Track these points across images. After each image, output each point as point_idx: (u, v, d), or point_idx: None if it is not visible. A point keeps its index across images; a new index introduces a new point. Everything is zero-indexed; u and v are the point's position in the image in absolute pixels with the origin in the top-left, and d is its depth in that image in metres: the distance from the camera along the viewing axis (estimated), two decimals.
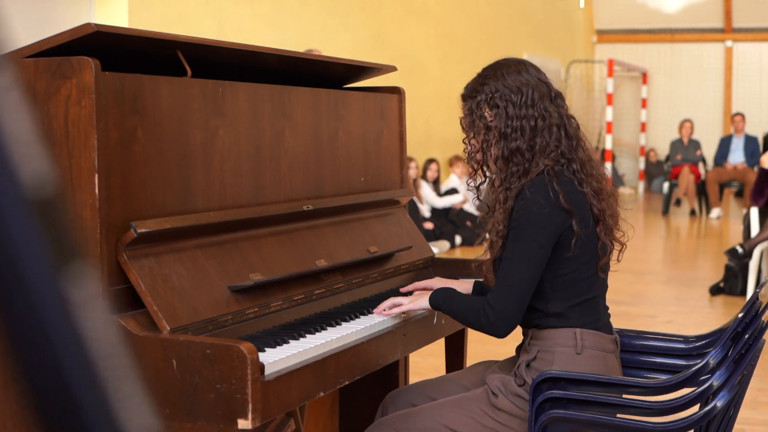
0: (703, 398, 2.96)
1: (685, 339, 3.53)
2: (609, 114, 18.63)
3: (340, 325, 3.31)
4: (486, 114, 3.17)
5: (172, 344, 2.73)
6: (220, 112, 3.25)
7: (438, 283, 3.59)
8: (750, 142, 16.37)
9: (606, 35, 21.55)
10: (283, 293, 3.29)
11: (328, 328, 3.26)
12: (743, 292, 8.99)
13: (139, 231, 2.81)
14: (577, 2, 19.91)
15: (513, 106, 3.14)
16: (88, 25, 2.77)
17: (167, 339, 2.74)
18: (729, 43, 20.79)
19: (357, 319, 3.41)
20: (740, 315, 3.15)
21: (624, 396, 3.07)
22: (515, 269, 3.02)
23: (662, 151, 19.57)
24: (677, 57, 20.91)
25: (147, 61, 3.14)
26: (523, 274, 3.01)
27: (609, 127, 18.64)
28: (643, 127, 21.02)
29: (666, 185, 17.00)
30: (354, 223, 3.93)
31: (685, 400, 2.94)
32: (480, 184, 3.34)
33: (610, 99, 18.60)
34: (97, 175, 2.74)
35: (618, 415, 3.03)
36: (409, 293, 3.58)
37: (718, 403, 2.92)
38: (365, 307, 3.61)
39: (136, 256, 2.83)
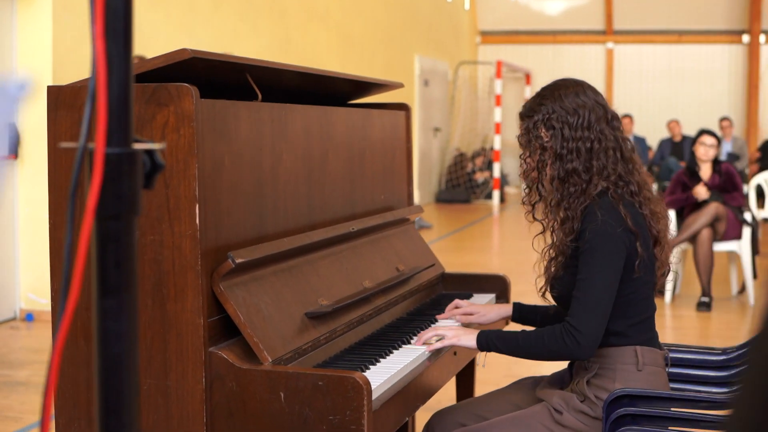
0: None
1: (723, 351, 3.60)
2: (497, 115, 18.84)
3: (400, 348, 3.30)
4: (542, 134, 3.19)
5: (280, 376, 2.69)
6: (283, 135, 3.21)
7: (478, 308, 3.63)
8: (638, 143, 16.76)
9: (489, 36, 21.79)
10: (345, 317, 3.27)
11: (393, 351, 3.24)
12: (660, 292, 9.18)
13: (237, 261, 2.76)
14: (463, 4, 20.08)
15: (569, 128, 3.16)
16: (185, 50, 2.71)
17: (274, 371, 2.70)
18: (610, 45, 21.23)
19: (413, 341, 3.40)
20: None
21: (700, 411, 3.11)
22: (596, 290, 3.04)
23: None
24: (559, 58, 21.28)
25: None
26: (604, 295, 3.04)
27: (498, 128, 18.86)
28: None
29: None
30: (381, 242, 3.93)
31: None
32: (535, 203, 3.34)
33: (498, 100, 18.82)
34: (198, 205, 2.68)
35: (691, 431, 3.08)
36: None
37: None
38: (405, 326, 3.62)
39: (230, 286, 2.78)
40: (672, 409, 3.11)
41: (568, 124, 3.16)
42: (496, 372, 6.20)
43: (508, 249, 13.33)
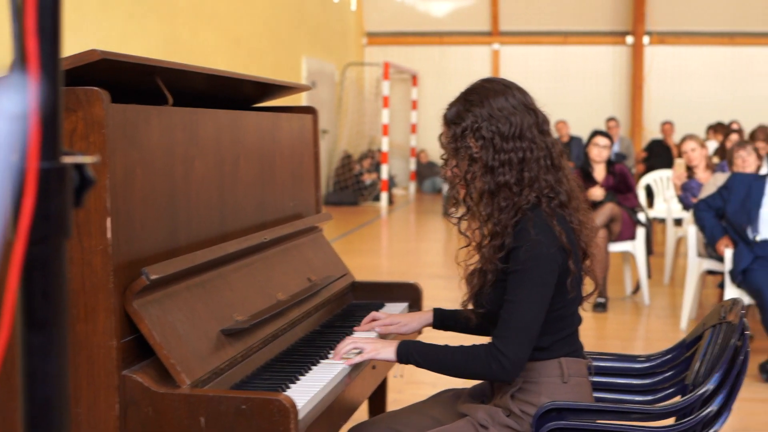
0: (701, 423, 2.96)
1: (647, 358, 3.54)
2: (385, 116, 18.78)
3: (319, 364, 3.16)
4: (471, 144, 3.00)
5: (200, 400, 2.53)
6: (195, 141, 3.05)
7: (398, 318, 3.51)
8: (575, 143, 16.85)
9: (376, 38, 21.73)
10: (261, 332, 3.12)
11: (313, 368, 3.10)
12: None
13: (152, 277, 2.59)
14: (349, 5, 19.99)
15: (501, 138, 2.97)
16: (94, 51, 2.53)
17: (193, 395, 2.54)
18: (496, 46, 21.34)
19: (330, 356, 3.26)
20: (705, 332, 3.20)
21: (630, 423, 3.04)
22: (525, 313, 2.91)
23: (432, 152, 19.91)
24: (446, 59, 21.31)
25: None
26: (534, 318, 2.92)
27: (385, 130, 18.80)
28: (413, 129, 21.33)
29: (446, 186, 17.28)
30: (292, 252, 3.78)
31: (687, 426, 2.93)
32: (462, 217, 3.17)
33: (385, 101, 18.76)
34: (109, 218, 2.50)
35: None
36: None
37: (718, 427, 2.95)
38: (320, 339, 3.49)
39: (143, 304, 2.61)
40: (601, 421, 3.03)
41: (500, 134, 2.97)
42: (400, 379, 6.09)
43: (398, 251, 13.27)
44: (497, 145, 2.97)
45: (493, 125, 2.97)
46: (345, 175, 18.96)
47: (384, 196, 18.48)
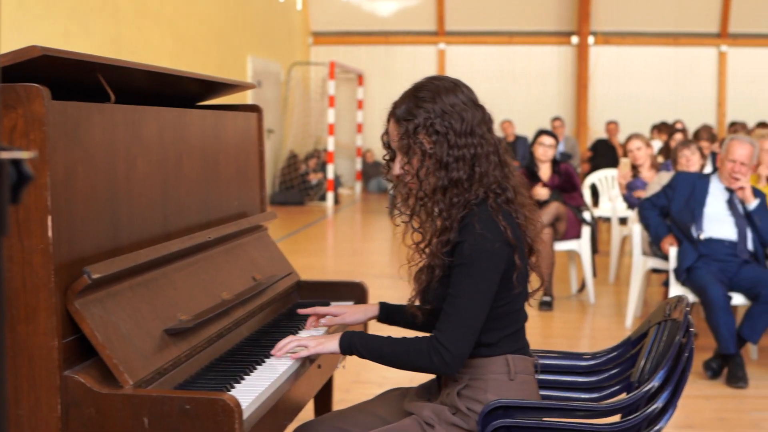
0: (646, 420, 2.98)
1: (593, 356, 3.55)
2: (331, 116, 18.75)
3: (264, 363, 3.13)
4: (424, 140, 2.98)
5: (143, 401, 2.50)
6: (138, 139, 3.02)
7: (343, 309, 3.49)
8: (521, 143, 16.93)
9: (322, 37, 21.68)
10: (205, 332, 3.09)
11: (257, 367, 3.08)
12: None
13: (94, 276, 2.55)
14: (295, 4, 19.93)
15: (454, 134, 2.96)
16: (34, 47, 2.49)
17: (136, 395, 2.51)
18: (442, 46, 21.37)
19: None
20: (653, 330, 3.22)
21: (576, 420, 3.04)
22: (468, 307, 2.90)
23: (378, 151, 19.90)
24: (392, 59, 21.31)
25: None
26: (476, 312, 2.91)
27: (331, 129, 18.77)
28: (359, 129, 21.32)
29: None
30: (237, 251, 3.75)
31: (633, 422, 2.95)
32: (413, 213, 3.15)
33: (331, 101, 18.73)
34: (50, 217, 2.46)
35: None
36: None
37: (663, 423, 2.96)
38: (265, 339, 3.46)
39: (85, 303, 2.58)
40: (548, 419, 3.03)
41: (453, 130, 2.96)
42: (345, 378, 6.08)
43: (344, 251, 13.26)
44: (451, 140, 2.96)
45: (446, 121, 2.97)
46: (291, 174, 18.91)
47: (330, 195, 18.46)
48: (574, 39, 21.02)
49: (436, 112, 2.97)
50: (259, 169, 4.21)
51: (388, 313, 3.45)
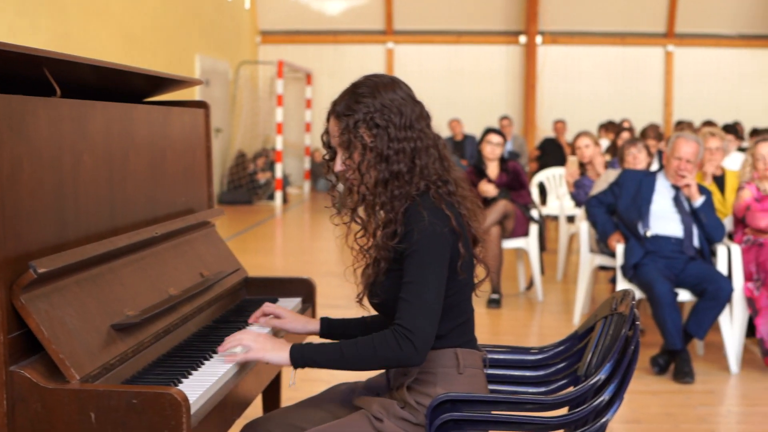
0: (593, 412, 3.00)
1: (540, 350, 3.58)
2: (279, 115, 18.70)
3: (212, 359, 3.12)
4: (364, 134, 3.02)
5: (90, 395, 2.49)
6: (84, 134, 3.00)
7: (283, 311, 3.48)
8: (469, 141, 16.96)
9: (270, 36, 21.61)
10: (152, 327, 3.07)
11: (205, 362, 3.06)
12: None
13: (39, 271, 2.53)
14: (243, 3, 19.86)
15: (394, 127, 3.01)
16: None
17: (83, 390, 2.49)
18: (390, 45, 21.38)
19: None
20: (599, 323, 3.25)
21: (524, 414, 3.06)
22: (426, 292, 2.91)
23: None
24: (341, 58, 21.28)
25: None
26: (435, 295, 2.93)
27: (279, 128, 18.73)
28: (308, 128, 21.29)
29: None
30: (184, 247, 3.73)
31: (580, 415, 2.97)
32: (357, 206, 3.17)
33: (280, 100, 18.68)
34: None
35: None
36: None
37: (610, 416, 2.98)
38: (213, 334, 3.45)
39: (31, 298, 2.56)
40: (496, 412, 3.04)
41: (393, 123, 3.01)
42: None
43: (292, 250, 13.24)
44: (391, 134, 3.00)
45: (386, 115, 3.01)
46: (239, 174, 18.85)
47: (278, 195, 18.42)
48: (522, 38, 21.12)
49: (375, 106, 3.01)
50: (207, 166, 4.19)
51: (330, 327, 3.43)
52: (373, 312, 3.23)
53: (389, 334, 2.92)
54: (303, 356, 3.00)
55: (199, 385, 2.81)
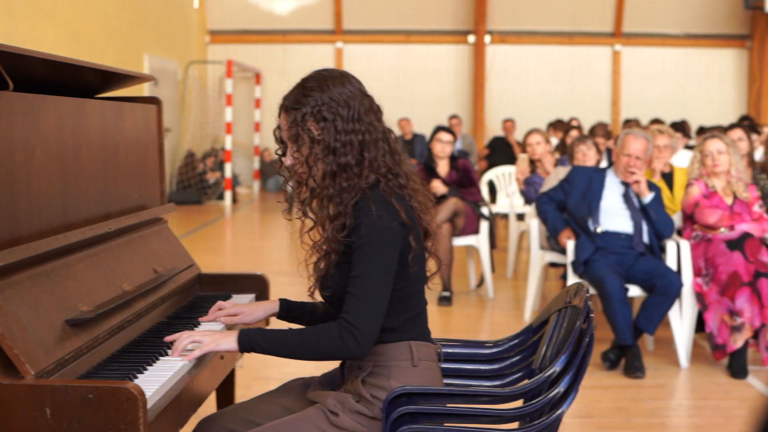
0: (549, 404, 3.01)
1: (495, 343, 3.59)
2: (228, 115, 18.63)
3: (167, 355, 3.10)
4: (312, 127, 3.04)
5: (45, 390, 2.47)
6: (36, 129, 2.97)
7: (243, 307, 3.47)
8: (419, 140, 16.95)
9: (219, 36, 21.52)
10: (107, 323, 3.05)
11: (160, 358, 3.05)
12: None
13: None
14: (192, 2, 19.77)
15: (342, 120, 3.03)
16: None
17: (38, 385, 2.47)
18: (339, 44, 21.35)
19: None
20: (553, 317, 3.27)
21: (479, 406, 3.07)
22: (372, 285, 2.93)
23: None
24: (290, 58, 21.22)
25: None
26: (381, 289, 2.94)
27: (228, 128, 18.66)
28: (257, 127, 21.22)
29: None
30: (137, 243, 3.72)
31: (535, 407, 2.98)
32: (305, 200, 3.17)
33: (229, 99, 18.61)
34: None
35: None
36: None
37: (565, 408, 3.00)
38: (167, 330, 3.43)
39: None
40: (451, 404, 3.06)
41: (340, 116, 3.03)
42: (246, 374, 6.06)
43: (243, 249, 13.20)
44: (339, 126, 3.02)
45: (333, 108, 3.03)
46: (188, 173, 18.76)
47: (228, 194, 18.35)
48: (471, 38, 21.18)
49: (323, 99, 3.03)
50: (159, 162, 4.17)
51: (289, 309, 3.45)
52: None
53: (334, 326, 2.93)
54: (250, 340, 3.01)
55: (155, 380, 2.79)
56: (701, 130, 14.78)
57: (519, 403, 3.12)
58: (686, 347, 6.63)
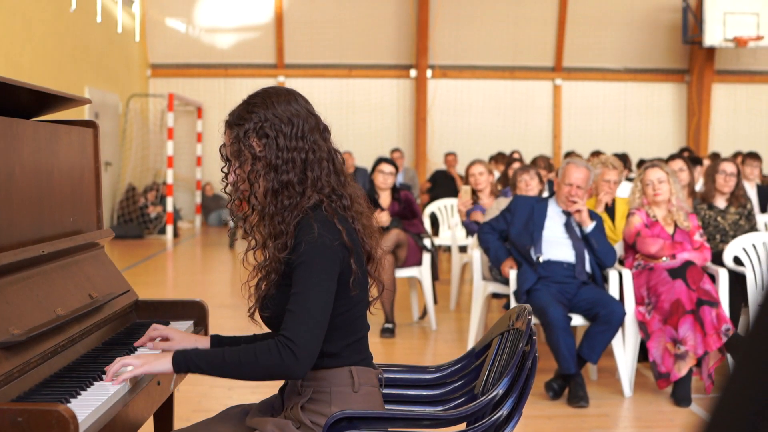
0: (492, 427, 2.98)
1: (437, 368, 3.55)
2: (170, 148, 18.51)
3: (101, 380, 3.02)
4: (254, 143, 3.00)
5: None
6: None
7: (174, 333, 3.39)
8: (360, 174, 16.92)
9: (160, 69, 21.41)
10: (39, 347, 2.97)
11: (94, 383, 2.97)
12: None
13: None
14: (133, 36, 19.67)
15: (284, 137, 3.00)
16: None
17: None
18: (281, 79, 21.30)
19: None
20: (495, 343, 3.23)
21: (422, 430, 3.03)
22: (311, 302, 2.87)
23: (218, 185, 19.68)
24: (231, 91, 21.11)
25: None
26: (321, 307, 2.89)
27: (170, 162, 18.53)
28: (199, 161, 21.10)
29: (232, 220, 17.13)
30: (72, 268, 3.63)
31: (479, 430, 2.94)
32: (246, 216, 3.14)
33: (170, 133, 18.49)
34: None
35: None
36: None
37: (509, 431, 2.96)
38: (103, 356, 3.35)
39: None
40: (393, 429, 3.01)
41: (283, 133, 3.00)
42: (186, 407, 5.96)
43: (184, 283, 13.09)
44: (281, 143, 3.00)
45: (276, 125, 3.01)
46: (129, 207, 18.59)
47: (169, 229, 18.20)
48: (413, 72, 21.24)
49: (266, 116, 3.01)
50: (95, 187, 4.10)
51: (221, 344, 3.36)
52: (266, 329, 3.18)
53: (272, 343, 2.88)
54: (186, 360, 2.94)
55: (89, 404, 2.72)
56: (641, 164, 14.91)
57: (462, 426, 3.08)
58: (629, 376, 6.63)
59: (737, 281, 7.09)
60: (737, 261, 7.16)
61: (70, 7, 15.76)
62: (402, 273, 8.85)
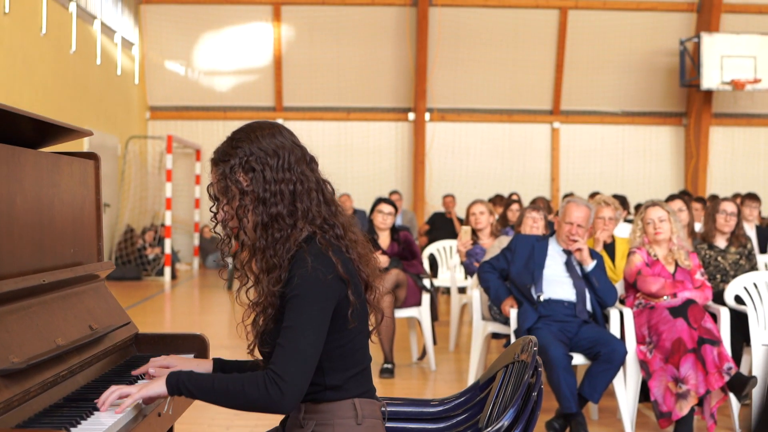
0: None
1: (441, 402, 3.52)
2: (168, 190, 18.51)
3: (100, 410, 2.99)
4: (241, 178, 2.98)
5: None
6: None
7: (174, 360, 3.35)
8: (360, 216, 16.91)
9: (160, 112, 21.46)
10: (39, 376, 2.94)
11: (95, 413, 2.93)
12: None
13: None
14: (133, 78, 19.71)
15: (270, 170, 2.97)
16: None
17: None
18: (280, 121, 21.35)
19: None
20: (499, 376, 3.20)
21: None
22: (301, 337, 2.84)
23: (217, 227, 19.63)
24: (229, 133, 21.14)
25: None
26: (310, 342, 2.85)
27: (168, 203, 18.53)
28: (197, 203, 21.09)
29: (230, 261, 17.09)
30: (72, 299, 3.61)
31: None
32: (236, 253, 3.12)
33: (169, 175, 18.50)
34: None
35: None
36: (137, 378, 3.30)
37: None
38: (103, 387, 3.31)
39: None
40: None
41: (269, 166, 2.98)
42: None
43: (182, 324, 13.02)
44: (267, 176, 2.98)
45: (261, 158, 2.99)
46: (127, 249, 18.57)
47: (167, 270, 18.16)
48: (411, 115, 21.29)
49: (251, 150, 3.00)
50: (96, 219, 4.08)
51: (223, 368, 3.34)
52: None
53: (260, 375, 2.85)
54: (178, 381, 2.93)
55: None
56: (639, 207, 14.90)
57: None
58: (631, 415, 6.58)
59: (738, 320, 7.06)
60: (738, 300, 7.13)
61: (71, 49, 15.84)
62: (401, 313, 8.82)
